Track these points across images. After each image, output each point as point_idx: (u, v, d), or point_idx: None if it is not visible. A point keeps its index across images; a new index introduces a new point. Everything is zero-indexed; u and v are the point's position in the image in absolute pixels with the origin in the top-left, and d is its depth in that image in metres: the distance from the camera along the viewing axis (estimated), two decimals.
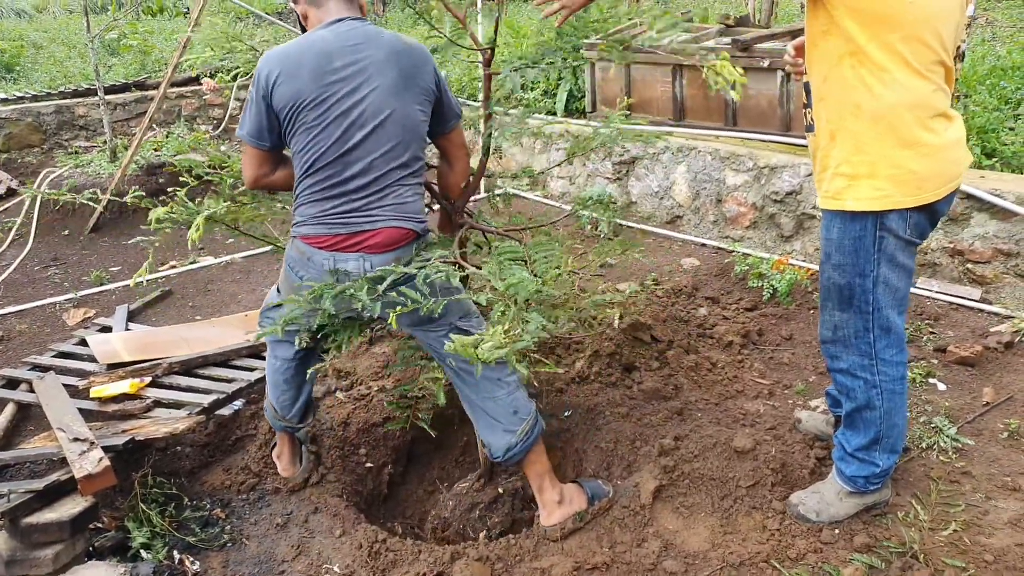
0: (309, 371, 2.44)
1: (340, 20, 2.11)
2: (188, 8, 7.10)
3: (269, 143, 2.14)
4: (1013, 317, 3.40)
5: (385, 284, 1.90)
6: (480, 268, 2.15)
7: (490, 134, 2.37)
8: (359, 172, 2.09)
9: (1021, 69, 5.34)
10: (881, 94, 1.86)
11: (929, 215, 2.00)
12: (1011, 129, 4.44)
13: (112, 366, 3.25)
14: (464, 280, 2.36)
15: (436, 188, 2.47)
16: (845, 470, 2.25)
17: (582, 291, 2.41)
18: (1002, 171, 4.03)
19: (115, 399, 2.94)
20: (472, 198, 2.49)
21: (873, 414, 2.16)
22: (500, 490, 2.68)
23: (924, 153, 1.88)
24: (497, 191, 2.81)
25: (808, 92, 2.07)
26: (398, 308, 1.80)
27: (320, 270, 2.14)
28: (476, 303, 2.16)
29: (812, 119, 2.05)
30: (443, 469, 3.06)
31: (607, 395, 3.01)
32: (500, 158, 5.85)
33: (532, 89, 6.39)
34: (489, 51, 2.38)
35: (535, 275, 1.98)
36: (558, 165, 2.93)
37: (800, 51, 2.19)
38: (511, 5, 10.08)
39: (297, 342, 2.33)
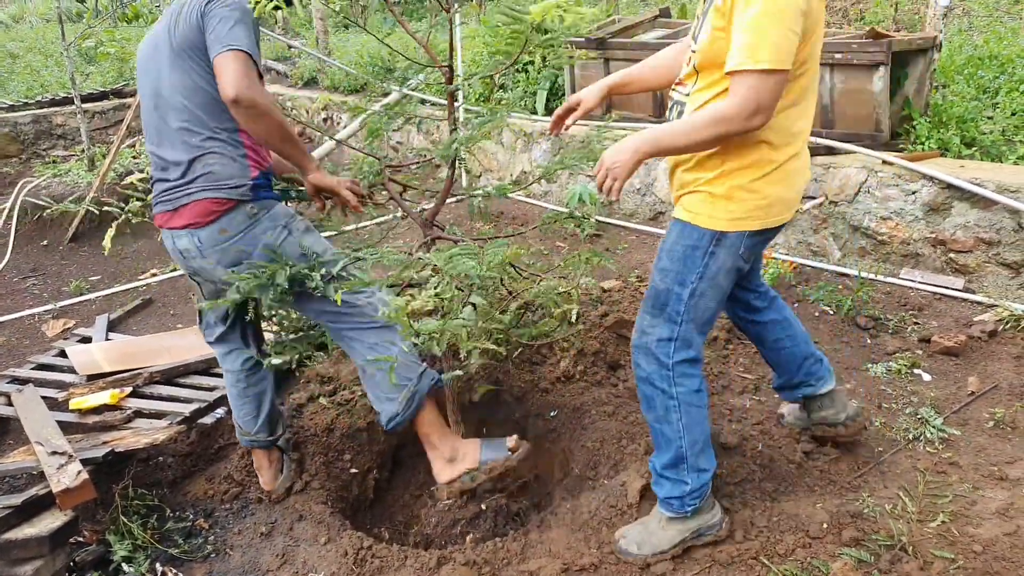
0: (264, 382, 2.43)
1: None
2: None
3: None
4: (996, 306, 3.41)
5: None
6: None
7: (455, 145, 2.33)
8: (166, 148, 2.17)
9: (998, 58, 5.37)
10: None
11: (765, 239, 2.06)
12: (989, 118, 4.46)
13: (92, 377, 3.20)
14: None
15: (398, 195, 2.45)
16: (660, 492, 2.20)
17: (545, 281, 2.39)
18: (981, 160, 4.05)
19: (95, 410, 2.89)
20: (451, 199, 2.47)
21: (672, 429, 2.11)
22: (483, 506, 2.67)
23: (776, 180, 1.92)
24: (475, 192, 2.78)
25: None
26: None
27: (172, 251, 2.24)
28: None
29: None
30: (430, 473, 3.02)
31: (593, 394, 2.99)
32: (466, 167, 5.83)
33: (512, 89, 6.38)
34: (448, 69, 2.33)
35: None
36: (537, 180, 2.88)
37: (565, 117, 2.26)
38: (491, 4, 10.06)
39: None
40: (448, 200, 2.52)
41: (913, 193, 3.77)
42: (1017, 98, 4.61)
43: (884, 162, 3.91)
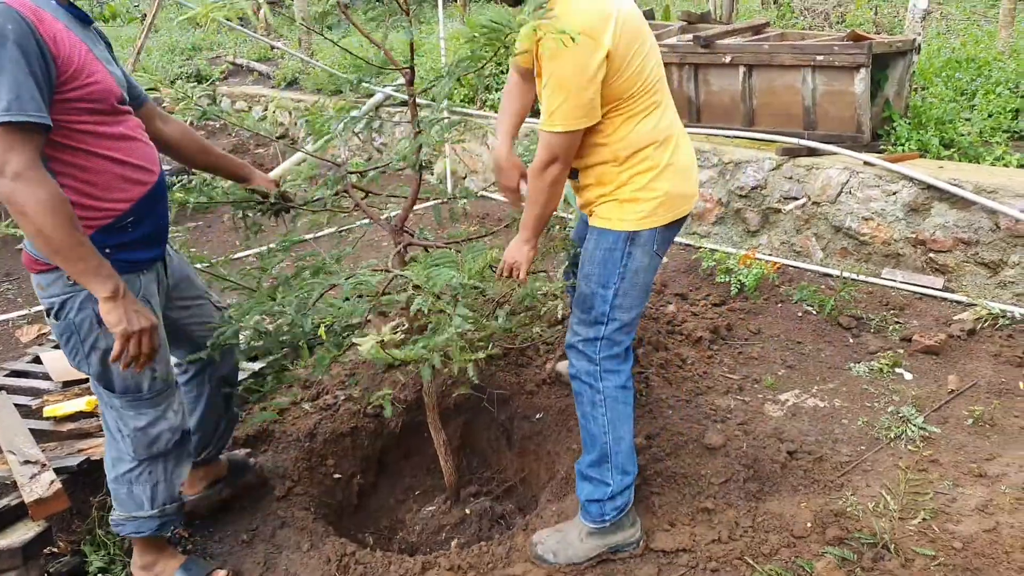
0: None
1: None
2: (144, 14, 6.95)
3: None
4: (974, 305, 3.44)
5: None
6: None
7: (419, 147, 2.30)
8: None
9: (975, 61, 5.43)
10: (628, 138, 2.04)
11: (673, 231, 2.19)
12: (967, 120, 4.51)
13: (68, 383, 3.14)
14: None
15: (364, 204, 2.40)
16: (581, 495, 2.24)
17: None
18: (960, 161, 4.09)
19: (71, 418, 2.83)
20: (421, 204, 2.44)
21: (597, 425, 2.18)
22: (467, 511, 2.65)
23: (669, 176, 2.08)
24: (457, 193, 2.77)
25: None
26: None
27: None
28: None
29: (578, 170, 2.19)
30: (415, 477, 3.01)
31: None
32: (452, 169, 5.82)
33: (498, 90, 6.36)
34: (409, 71, 2.29)
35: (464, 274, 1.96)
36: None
37: (517, 190, 2.37)
38: (475, 4, 10.05)
39: None
40: (422, 204, 2.49)
41: (894, 194, 3.80)
42: (994, 100, 4.66)
43: (865, 163, 3.93)
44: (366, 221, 2.59)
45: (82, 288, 1.84)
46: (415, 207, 2.46)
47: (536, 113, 2.10)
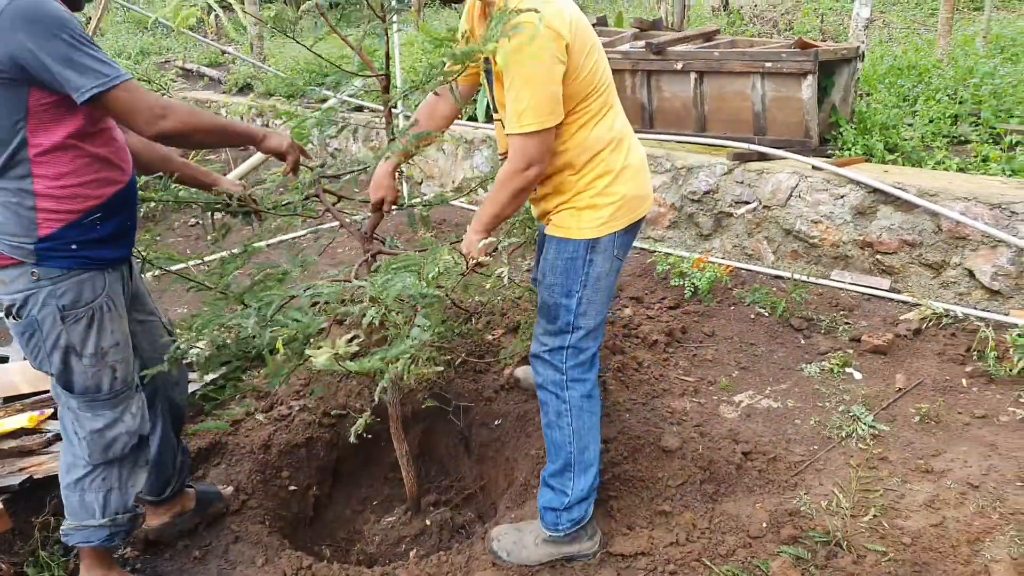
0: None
1: None
2: (88, 17, 6.77)
3: None
4: (919, 305, 3.54)
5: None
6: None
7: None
8: None
9: (916, 68, 5.61)
10: (585, 143, 2.05)
11: (632, 235, 2.21)
12: (910, 125, 4.65)
13: (9, 399, 3.03)
14: None
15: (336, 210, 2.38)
16: (540, 500, 2.25)
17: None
18: (903, 165, 4.21)
19: (12, 434, 2.74)
20: (392, 211, 2.42)
21: (562, 434, 2.19)
22: (428, 522, 2.62)
23: (625, 180, 2.10)
24: (414, 202, 2.75)
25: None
26: None
27: None
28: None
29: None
30: (371, 487, 2.97)
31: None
32: (407, 174, 5.78)
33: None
34: (384, 78, 2.29)
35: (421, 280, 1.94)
36: (481, 184, 2.88)
37: (382, 207, 2.38)
38: (430, 10, 10.02)
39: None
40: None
41: (841, 197, 3.90)
42: (934, 106, 4.82)
43: (814, 167, 4.02)
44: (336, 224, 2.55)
45: (46, 284, 1.85)
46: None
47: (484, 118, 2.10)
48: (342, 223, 2.42)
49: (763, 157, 4.28)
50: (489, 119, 6.03)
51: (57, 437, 2.75)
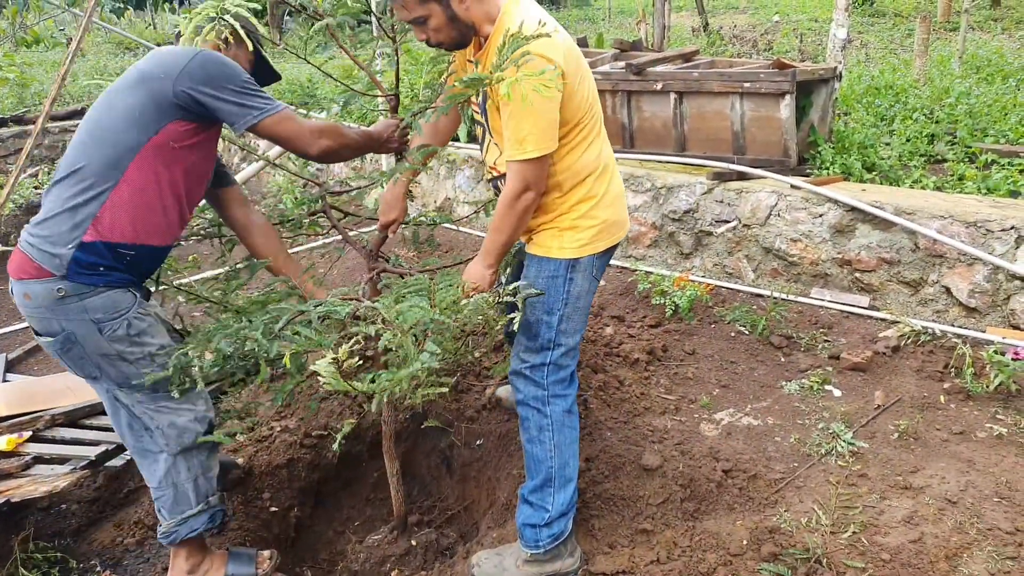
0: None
1: None
2: (70, 38, 6.75)
3: None
4: (898, 322, 3.59)
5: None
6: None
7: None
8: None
9: (893, 88, 5.71)
10: (573, 167, 2.12)
11: (609, 256, 2.27)
12: (887, 144, 4.73)
13: None
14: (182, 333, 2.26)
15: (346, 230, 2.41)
16: (519, 517, 2.26)
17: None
18: (881, 184, 4.28)
19: None
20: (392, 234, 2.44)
21: (543, 449, 2.21)
22: (413, 542, 2.61)
23: (606, 205, 2.17)
24: (420, 220, 2.78)
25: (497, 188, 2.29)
26: None
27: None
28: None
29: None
30: (353, 508, 2.96)
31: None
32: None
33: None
34: (394, 97, 2.35)
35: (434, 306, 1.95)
36: (475, 213, 2.93)
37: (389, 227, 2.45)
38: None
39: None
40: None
41: (820, 216, 3.95)
42: (911, 125, 4.91)
43: (793, 186, 4.08)
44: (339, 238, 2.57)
45: (73, 300, 1.92)
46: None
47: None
48: (348, 240, 2.44)
49: (742, 176, 4.34)
50: (472, 139, 6.06)
51: (36, 460, 2.73)
